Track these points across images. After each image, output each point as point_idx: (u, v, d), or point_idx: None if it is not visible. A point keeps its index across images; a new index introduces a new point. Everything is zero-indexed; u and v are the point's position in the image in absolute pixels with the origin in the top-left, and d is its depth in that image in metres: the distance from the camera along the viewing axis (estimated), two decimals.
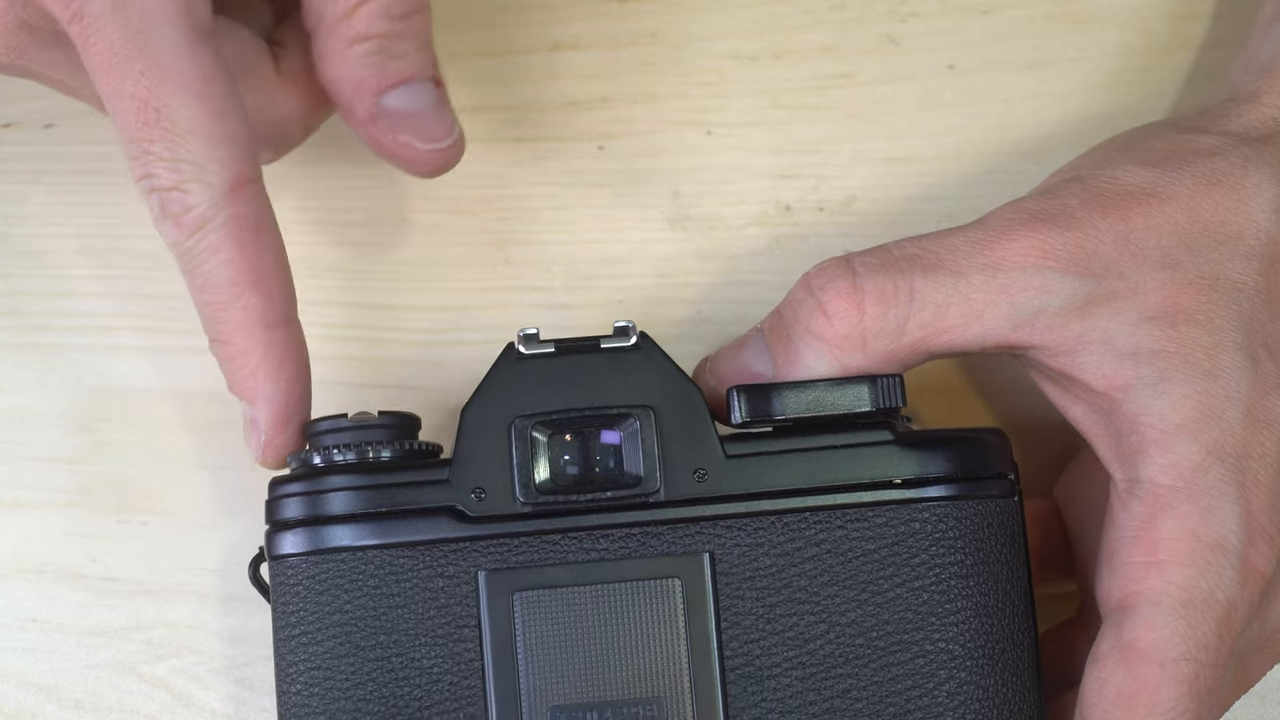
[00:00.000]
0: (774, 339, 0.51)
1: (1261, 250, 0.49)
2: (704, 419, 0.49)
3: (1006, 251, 0.49)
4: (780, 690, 0.49)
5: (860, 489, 0.49)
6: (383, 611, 0.49)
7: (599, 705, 0.48)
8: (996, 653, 0.49)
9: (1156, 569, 0.48)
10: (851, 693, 0.49)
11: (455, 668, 0.49)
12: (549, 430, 0.49)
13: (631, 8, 0.59)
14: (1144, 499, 0.48)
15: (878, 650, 0.49)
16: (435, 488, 0.49)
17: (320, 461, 0.50)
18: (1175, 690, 0.47)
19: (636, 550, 0.49)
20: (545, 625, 0.49)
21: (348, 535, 0.49)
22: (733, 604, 0.49)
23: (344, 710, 0.49)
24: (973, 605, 0.49)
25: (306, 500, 0.50)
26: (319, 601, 0.49)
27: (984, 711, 0.49)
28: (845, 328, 0.49)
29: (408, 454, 0.50)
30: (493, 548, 0.49)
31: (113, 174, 0.58)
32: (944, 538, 0.49)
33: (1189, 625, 0.47)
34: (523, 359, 0.50)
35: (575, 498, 0.49)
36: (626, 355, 0.50)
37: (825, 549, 0.49)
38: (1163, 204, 0.49)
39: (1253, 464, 0.48)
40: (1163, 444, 0.48)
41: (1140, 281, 0.49)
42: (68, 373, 0.58)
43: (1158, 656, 0.47)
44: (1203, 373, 0.48)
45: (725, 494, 0.49)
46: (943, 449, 0.50)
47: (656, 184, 0.58)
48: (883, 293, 0.49)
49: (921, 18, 0.59)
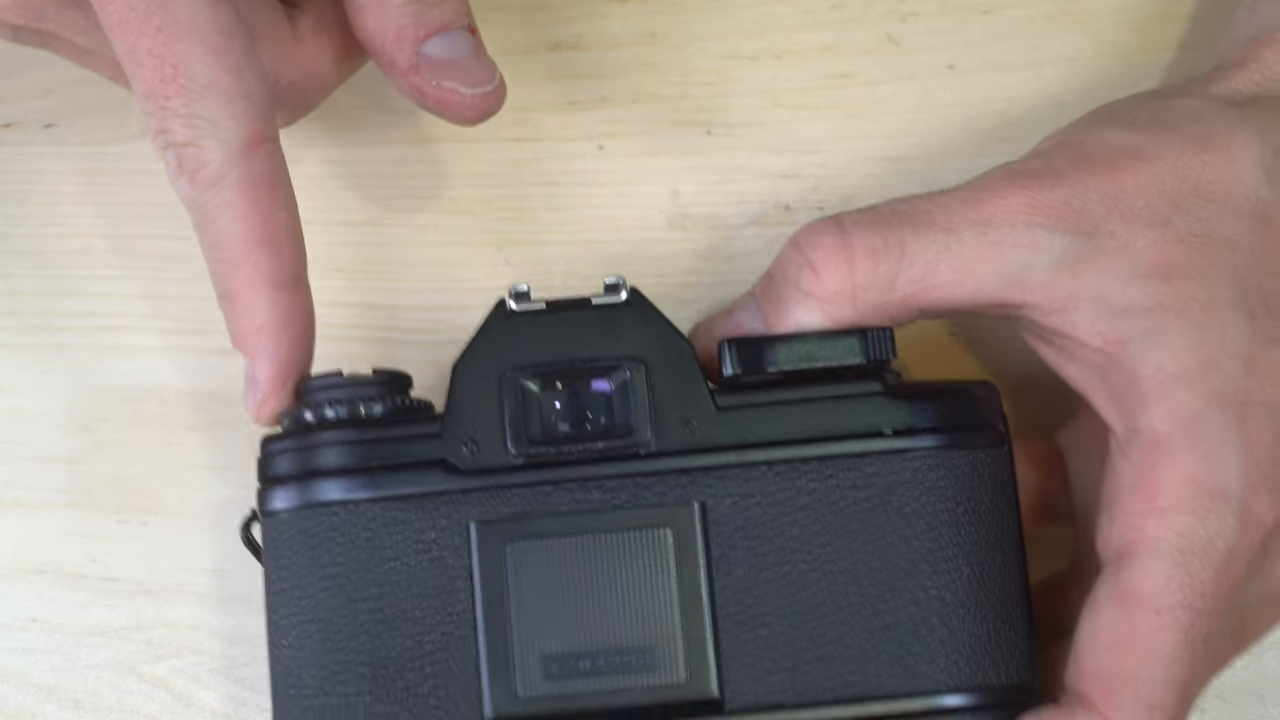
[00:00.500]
0: (765, 299, 0.51)
1: (1251, 209, 0.49)
2: (694, 371, 0.50)
3: (996, 209, 0.49)
4: (772, 638, 0.49)
5: (851, 439, 0.49)
6: (375, 564, 0.49)
7: (590, 653, 0.49)
8: (987, 600, 0.49)
9: (1156, 516, 0.48)
10: (843, 639, 0.49)
11: (447, 618, 0.49)
12: (540, 382, 0.50)
13: (631, 8, 0.59)
14: (1143, 447, 0.48)
15: (869, 597, 0.49)
16: (427, 441, 0.49)
17: (312, 418, 0.50)
18: (1170, 637, 0.47)
19: (628, 501, 0.49)
20: (537, 575, 0.49)
21: (339, 489, 0.49)
22: (724, 553, 0.49)
23: (336, 662, 0.49)
24: (964, 553, 0.49)
25: (298, 455, 0.50)
26: (311, 555, 0.49)
27: (975, 658, 0.49)
28: (835, 283, 0.49)
29: (400, 409, 0.50)
30: (484, 499, 0.49)
31: (113, 174, 0.58)
32: (934, 486, 0.49)
33: (1187, 573, 0.47)
34: (514, 315, 0.50)
35: (567, 449, 0.49)
36: (617, 310, 0.50)
37: (816, 498, 0.49)
38: (1150, 164, 0.49)
39: (1254, 411, 0.48)
40: (1161, 393, 0.48)
41: (1131, 239, 0.49)
42: (68, 373, 0.58)
43: (1154, 603, 0.47)
44: (1198, 325, 0.48)
45: (716, 444, 0.49)
46: (933, 400, 0.50)
47: (656, 184, 0.58)
48: (872, 248, 0.49)
49: (921, 18, 0.59)
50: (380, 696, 0.49)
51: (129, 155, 0.58)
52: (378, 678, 0.49)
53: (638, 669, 0.49)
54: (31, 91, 0.58)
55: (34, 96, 0.58)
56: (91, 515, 0.57)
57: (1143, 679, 0.48)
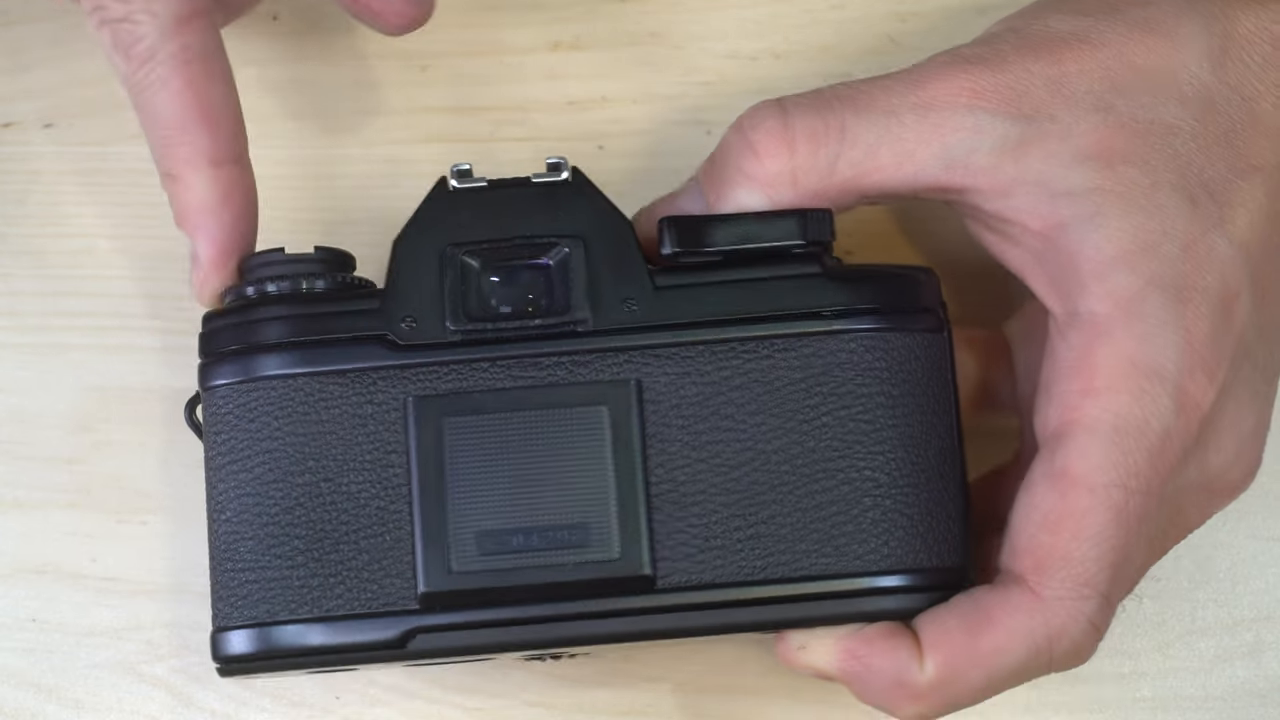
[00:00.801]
0: (707, 181, 0.51)
1: (1195, 95, 0.49)
2: (634, 251, 0.50)
3: (938, 91, 0.49)
4: (705, 516, 0.49)
5: (788, 319, 0.50)
6: (312, 438, 0.49)
7: (524, 530, 0.49)
8: (922, 483, 0.50)
9: (1092, 396, 0.48)
10: (776, 519, 0.49)
11: (383, 493, 0.49)
12: (479, 258, 0.50)
13: (631, 8, 0.59)
14: (1081, 329, 0.48)
15: (803, 477, 0.49)
16: (366, 316, 0.50)
17: (254, 293, 0.50)
18: (1103, 516, 0.48)
19: (564, 378, 0.49)
20: (472, 451, 0.49)
21: (278, 363, 0.49)
22: (659, 432, 0.49)
23: (272, 535, 0.49)
24: (898, 435, 0.49)
25: (238, 330, 0.50)
26: (249, 429, 0.50)
27: (907, 540, 0.49)
28: (776, 165, 0.49)
29: (341, 286, 0.51)
30: (422, 375, 0.49)
31: (113, 174, 0.58)
32: (871, 368, 0.50)
33: (1121, 452, 0.48)
34: (455, 192, 0.50)
35: (504, 326, 0.50)
36: (559, 189, 0.51)
37: (752, 378, 0.50)
38: (1095, 49, 0.49)
39: (1194, 296, 0.48)
40: (1099, 275, 0.48)
41: (1073, 124, 0.49)
42: (68, 373, 0.58)
43: (1087, 482, 0.48)
44: (1139, 208, 0.48)
45: (653, 323, 0.50)
46: (871, 282, 0.50)
47: (656, 184, 0.58)
48: (813, 131, 0.49)
49: (921, 17, 0.59)
50: (315, 570, 0.49)
51: (129, 155, 0.58)
52: (313, 551, 0.49)
53: (571, 546, 0.49)
54: (31, 91, 0.58)
55: (34, 96, 0.58)
56: (91, 515, 0.57)
57: (1075, 557, 0.48)
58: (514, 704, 0.57)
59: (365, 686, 0.57)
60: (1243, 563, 0.58)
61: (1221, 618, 0.58)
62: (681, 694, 0.57)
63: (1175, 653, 0.57)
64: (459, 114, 0.59)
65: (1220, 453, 0.50)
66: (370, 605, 0.49)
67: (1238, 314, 0.49)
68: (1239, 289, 0.49)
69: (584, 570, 0.49)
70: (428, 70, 0.59)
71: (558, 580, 0.49)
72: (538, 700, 0.57)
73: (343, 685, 0.57)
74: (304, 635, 0.49)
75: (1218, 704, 0.57)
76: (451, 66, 0.59)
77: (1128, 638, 0.57)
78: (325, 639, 0.49)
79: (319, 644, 0.49)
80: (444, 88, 0.59)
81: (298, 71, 0.59)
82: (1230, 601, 0.58)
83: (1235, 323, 0.49)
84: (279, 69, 0.59)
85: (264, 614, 0.49)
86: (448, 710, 0.57)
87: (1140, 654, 0.57)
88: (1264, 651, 0.57)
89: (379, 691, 0.57)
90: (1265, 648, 0.57)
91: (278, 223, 0.56)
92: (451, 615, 0.49)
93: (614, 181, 0.58)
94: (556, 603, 0.49)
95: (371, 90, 0.59)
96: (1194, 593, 0.58)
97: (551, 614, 0.49)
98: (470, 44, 0.59)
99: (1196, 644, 0.57)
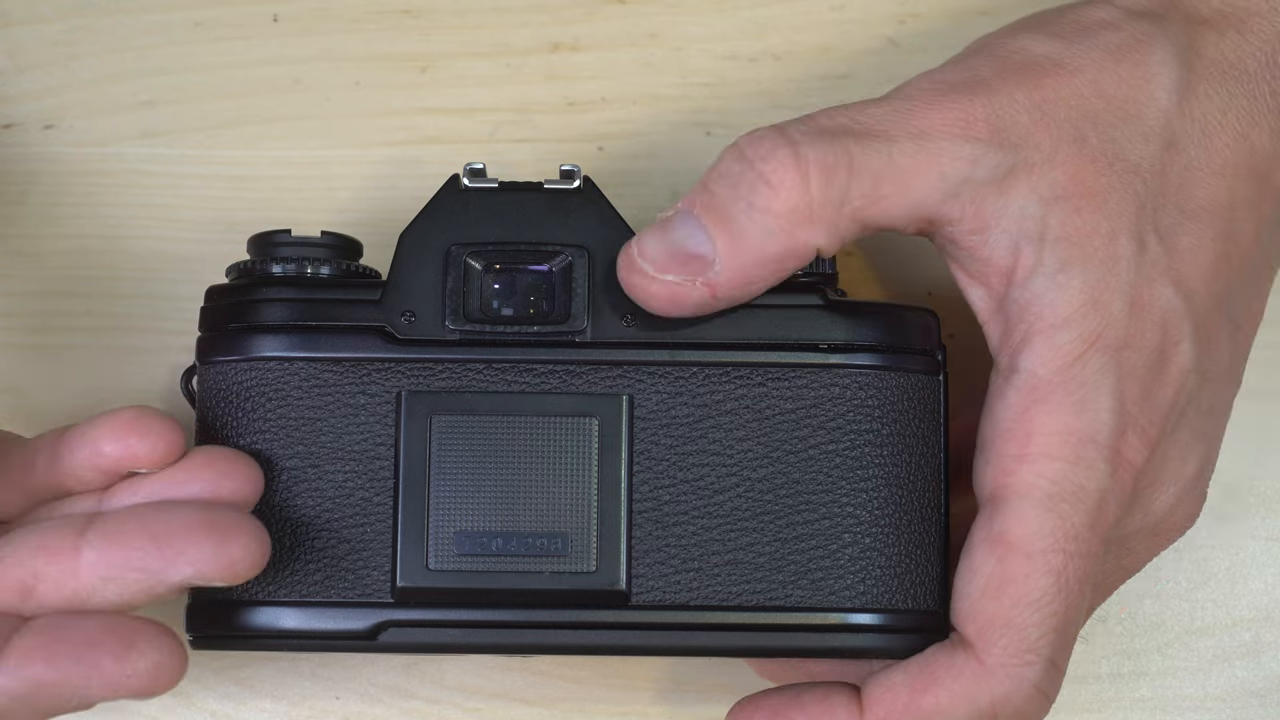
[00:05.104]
0: (710, 217, 0.49)
1: (1159, 131, 0.49)
2: None
3: (932, 121, 0.49)
4: (685, 538, 0.49)
5: (785, 349, 0.50)
6: (304, 423, 0.50)
7: (504, 534, 0.49)
8: (903, 523, 0.50)
9: (1028, 462, 0.48)
10: (755, 546, 0.49)
11: (368, 484, 0.50)
12: (483, 260, 0.50)
13: (631, 8, 0.59)
14: (1021, 389, 0.48)
15: (785, 508, 0.50)
16: (366, 307, 0.50)
17: (258, 272, 0.51)
18: (1043, 581, 0.48)
19: (557, 387, 0.50)
20: (459, 450, 0.49)
21: (277, 345, 0.50)
22: (647, 448, 0.50)
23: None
24: (884, 474, 0.50)
25: (240, 309, 0.50)
26: (242, 408, 0.50)
27: (884, 579, 0.49)
28: (793, 199, 0.48)
29: (345, 274, 0.51)
30: (416, 370, 0.50)
31: (113, 174, 0.58)
32: (863, 405, 0.50)
33: (1058, 518, 0.48)
34: (466, 191, 0.51)
35: (503, 329, 0.50)
36: (569, 197, 0.51)
37: (744, 404, 0.50)
38: (1070, 75, 0.49)
39: (1130, 355, 0.48)
40: (1047, 334, 0.48)
41: (1054, 153, 0.48)
42: (68, 373, 0.58)
43: (1025, 548, 0.48)
44: (1097, 263, 0.48)
45: (650, 341, 0.50)
46: (871, 319, 0.50)
47: (656, 184, 0.58)
48: (825, 162, 0.48)
49: (921, 18, 0.59)
50: (294, 554, 0.49)
51: (129, 155, 0.58)
52: (295, 535, 0.49)
53: (549, 554, 0.49)
54: (31, 91, 0.58)
55: (34, 97, 0.58)
56: None
57: (1017, 623, 0.48)
58: (514, 704, 0.57)
59: (365, 686, 0.57)
60: (1242, 563, 0.58)
61: (1220, 618, 0.58)
62: (682, 695, 0.57)
63: (1174, 653, 0.57)
64: (459, 115, 0.59)
65: (1163, 499, 0.50)
66: (345, 595, 0.49)
67: (1177, 363, 0.49)
68: (1180, 338, 0.49)
69: (560, 580, 0.49)
70: (428, 71, 0.59)
71: (533, 587, 0.49)
72: (538, 700, 0.57)
73: (343, 685, 0.57)
74: (278, 618, 0.49)
75: (1217, 704, 0.57)
76: (451, 67, 0.59)
77: (1128, 638, 0.57)
78: (298, 624, 0.49)
79: (291, 628, 0.49)
80: (444, 88, 0.59)
81: (298, 71, 0.59)
82: (1229, 601, 0.58)
83: (1173, 374, 0.49)
84: (279, 69, 0.59)
85: (240, 592, 0.49)
86: (448, 710, 0.57)
87: (1140, 654, 0.57)
88: (1263, 651, 0.57)
89: (379, 691, 0.57)
90: (1264, 648, 0.57)
91: (277, 223, 0.56)
92: (424, 612, 0.49)
93: (613, 183, 0.58)
94: (529, 609, 0.49)
95: (371, 91, 0.59)
96: (1193, 593, 0.58)
97: (523, 620, 0.49)
98: (470, 44, 0.59)
99: (1196, 644, 0.58)
